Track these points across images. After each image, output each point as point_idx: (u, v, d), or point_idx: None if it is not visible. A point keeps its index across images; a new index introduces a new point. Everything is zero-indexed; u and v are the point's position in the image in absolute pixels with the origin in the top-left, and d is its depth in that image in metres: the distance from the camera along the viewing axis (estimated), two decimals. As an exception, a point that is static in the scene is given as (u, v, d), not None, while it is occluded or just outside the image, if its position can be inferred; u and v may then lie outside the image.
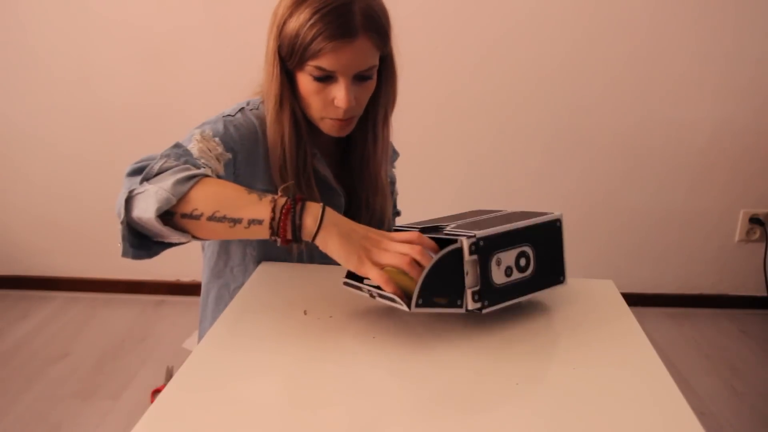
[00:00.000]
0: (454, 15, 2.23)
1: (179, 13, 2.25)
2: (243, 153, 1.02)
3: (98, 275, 2.56)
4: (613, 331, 0.88)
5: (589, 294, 0.98)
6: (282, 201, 0.81)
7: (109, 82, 2.33)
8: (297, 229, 0.80)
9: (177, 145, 0.92)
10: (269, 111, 1.02)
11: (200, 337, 1.23)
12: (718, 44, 2.26)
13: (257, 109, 1.07)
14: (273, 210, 0.80)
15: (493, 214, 0.95)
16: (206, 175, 0.83)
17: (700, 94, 2.33)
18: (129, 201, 0.80)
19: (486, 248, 0.81)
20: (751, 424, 1.88)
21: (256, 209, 0.80)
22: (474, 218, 0.93)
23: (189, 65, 2.31)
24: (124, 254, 0.83)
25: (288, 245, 0.82)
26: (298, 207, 0.80)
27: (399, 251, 0.79)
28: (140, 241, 0.84)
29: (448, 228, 0.86)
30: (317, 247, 0.82)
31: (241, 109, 1.06)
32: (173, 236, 0.82)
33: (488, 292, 0.83)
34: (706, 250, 2.52)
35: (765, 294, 2.54)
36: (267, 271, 1.06)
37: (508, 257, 0.84)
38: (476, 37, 2.26)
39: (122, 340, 2.23)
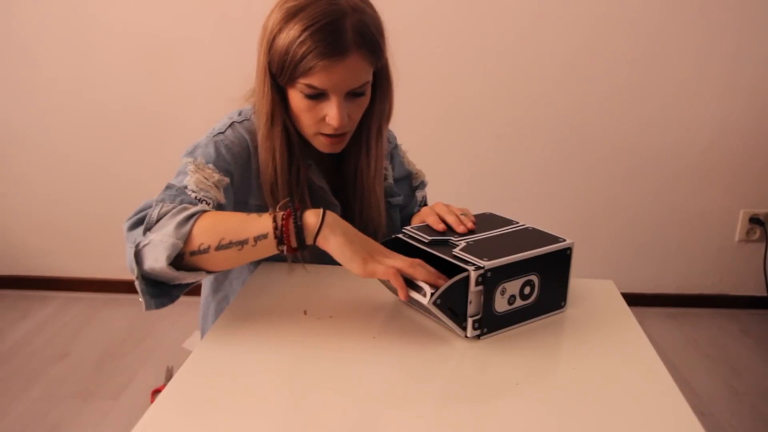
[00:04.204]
0: (457, 19, 2.23)
1: (178, 16, 2.25)
2: (237, 172, 1.00)
3: (98, 275, 2.56)
4: (613, 331, 0.88)
5: (589, 294, 0.98)
6: (281, 212, 0.82)
7: (107, 85, 2.33)
8: (300, 230, 0.80)
9: (169, 186, 0.92)
10: (260, 127, 0.99)
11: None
12: (719, 46, 2.26)
13: (249, 119, 1.04)
14: (274, 220, 0.81)
15: (504, 229, 0.94)
16: (204, 211, 0.84)
17: (701, 95, 2.33)
18: (138, 255, 0.82)
19: (492, 279, 0.81)
20: (751, 424, 1.88)
21: (259, 225, 0.81)
22: (484, 234, 0.92)
23: (188, 67, 2.30)
24: (148, 308, 0.85)
25: (294, 254, 0.82)
26: (299, 212, 0.82)
27: (394, 265, 0.80)
28: (158, 289, 0.86)
29: (456, 249, 0.86)
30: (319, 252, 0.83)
31: (231, 124, 1.03)
32: (188, 278, 0.84)
33: (488, 320, 0.83)
34: (707, 250, 2.52)
35: (765, 294, 2.54)
36: (266, 271, 1.05)
37: (513, 286, 0.84)
38: (479, 40, 2.26)
39: (122, 340, 2.23)
